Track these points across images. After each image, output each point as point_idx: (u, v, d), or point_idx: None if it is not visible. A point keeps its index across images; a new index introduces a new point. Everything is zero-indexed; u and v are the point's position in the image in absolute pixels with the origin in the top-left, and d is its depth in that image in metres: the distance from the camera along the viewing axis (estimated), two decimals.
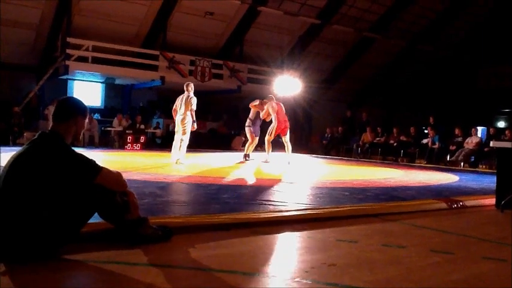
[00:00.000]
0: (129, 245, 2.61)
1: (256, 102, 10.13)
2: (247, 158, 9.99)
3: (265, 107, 9.76)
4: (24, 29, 14.17)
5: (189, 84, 8.99)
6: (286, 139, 9.90)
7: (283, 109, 9.88)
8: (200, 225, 3.14)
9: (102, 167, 2.56)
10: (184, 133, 8.79)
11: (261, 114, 9.96)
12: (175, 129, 9.05)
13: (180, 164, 8.52)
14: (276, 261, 2.62)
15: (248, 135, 10.24)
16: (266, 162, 9.62)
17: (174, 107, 9.02)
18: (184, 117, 8.73)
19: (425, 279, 2.31)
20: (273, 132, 9.61)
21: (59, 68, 14.35)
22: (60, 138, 2.54)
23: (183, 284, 2.12)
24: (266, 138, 9.81)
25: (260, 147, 10.77)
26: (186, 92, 8.85)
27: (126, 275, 2.19)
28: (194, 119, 8.77)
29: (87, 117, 2.73)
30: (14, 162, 2.45)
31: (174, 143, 8.93)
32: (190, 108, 8.66)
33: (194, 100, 8.74)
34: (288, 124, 9.89)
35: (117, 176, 2.63)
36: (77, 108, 2.67)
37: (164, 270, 2.28)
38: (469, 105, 18.22)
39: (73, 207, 2.46)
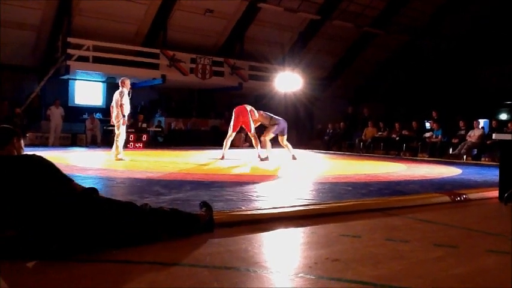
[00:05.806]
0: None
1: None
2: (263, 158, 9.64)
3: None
4: (25, 30, 14.20)
5: (123, 80, 8.92)
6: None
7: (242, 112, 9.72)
8: None
9: None
10: (117, 128, 8.75)
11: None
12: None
13: (120, 161, 8.49)
14: (280, 257, 2.63)
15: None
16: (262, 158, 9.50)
17: (111, 104, 9.00)
18: (117, 113, 8.68)
19: (429, 273, 2.31)
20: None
21: (60, 68, 14.37)
22: None
23: (186, 281, 2.12)
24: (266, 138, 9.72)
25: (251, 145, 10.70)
26: (120, 88, 8.78)
27: (128, 273, 2.20)
28: (123, 113, 8.66)
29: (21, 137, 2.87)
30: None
31: (115, 138, 8.90)
32: (119, 103, 8.62)
33: (124, 94, 8.66)
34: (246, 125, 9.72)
35: None
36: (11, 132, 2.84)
37: (166, 268, 2.28)
38: (470, 98, 18.14)
39: None
